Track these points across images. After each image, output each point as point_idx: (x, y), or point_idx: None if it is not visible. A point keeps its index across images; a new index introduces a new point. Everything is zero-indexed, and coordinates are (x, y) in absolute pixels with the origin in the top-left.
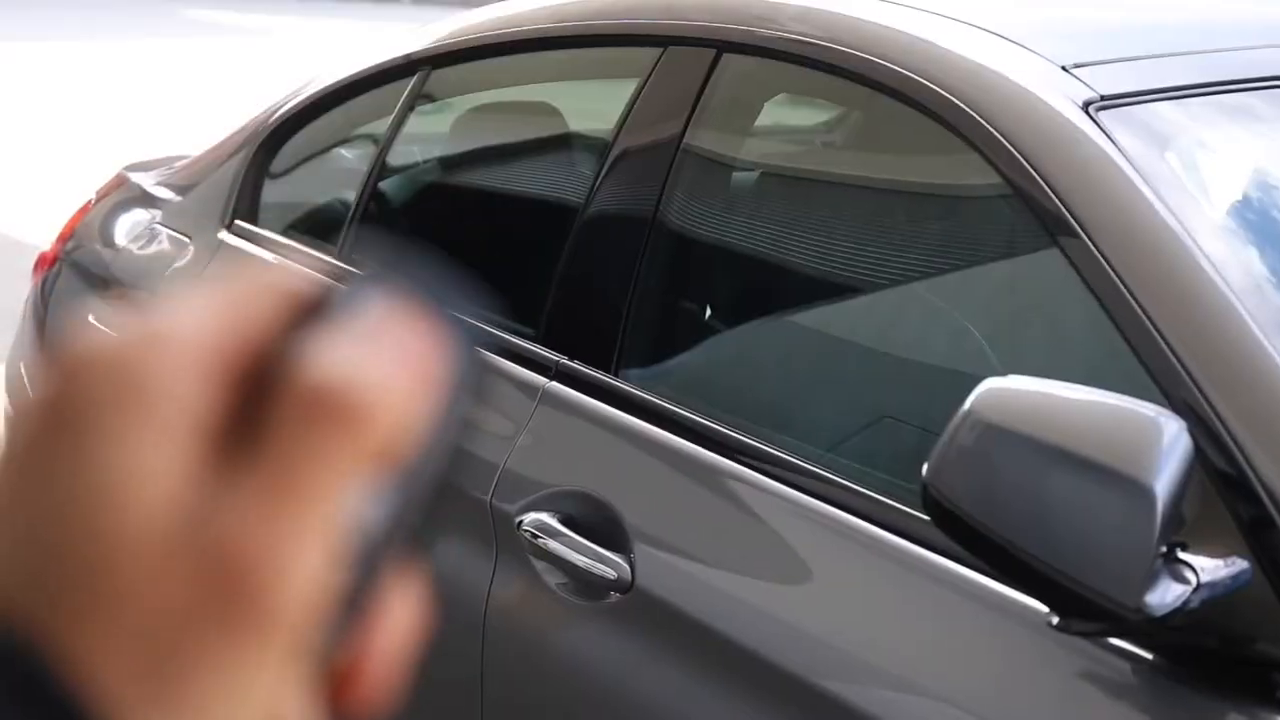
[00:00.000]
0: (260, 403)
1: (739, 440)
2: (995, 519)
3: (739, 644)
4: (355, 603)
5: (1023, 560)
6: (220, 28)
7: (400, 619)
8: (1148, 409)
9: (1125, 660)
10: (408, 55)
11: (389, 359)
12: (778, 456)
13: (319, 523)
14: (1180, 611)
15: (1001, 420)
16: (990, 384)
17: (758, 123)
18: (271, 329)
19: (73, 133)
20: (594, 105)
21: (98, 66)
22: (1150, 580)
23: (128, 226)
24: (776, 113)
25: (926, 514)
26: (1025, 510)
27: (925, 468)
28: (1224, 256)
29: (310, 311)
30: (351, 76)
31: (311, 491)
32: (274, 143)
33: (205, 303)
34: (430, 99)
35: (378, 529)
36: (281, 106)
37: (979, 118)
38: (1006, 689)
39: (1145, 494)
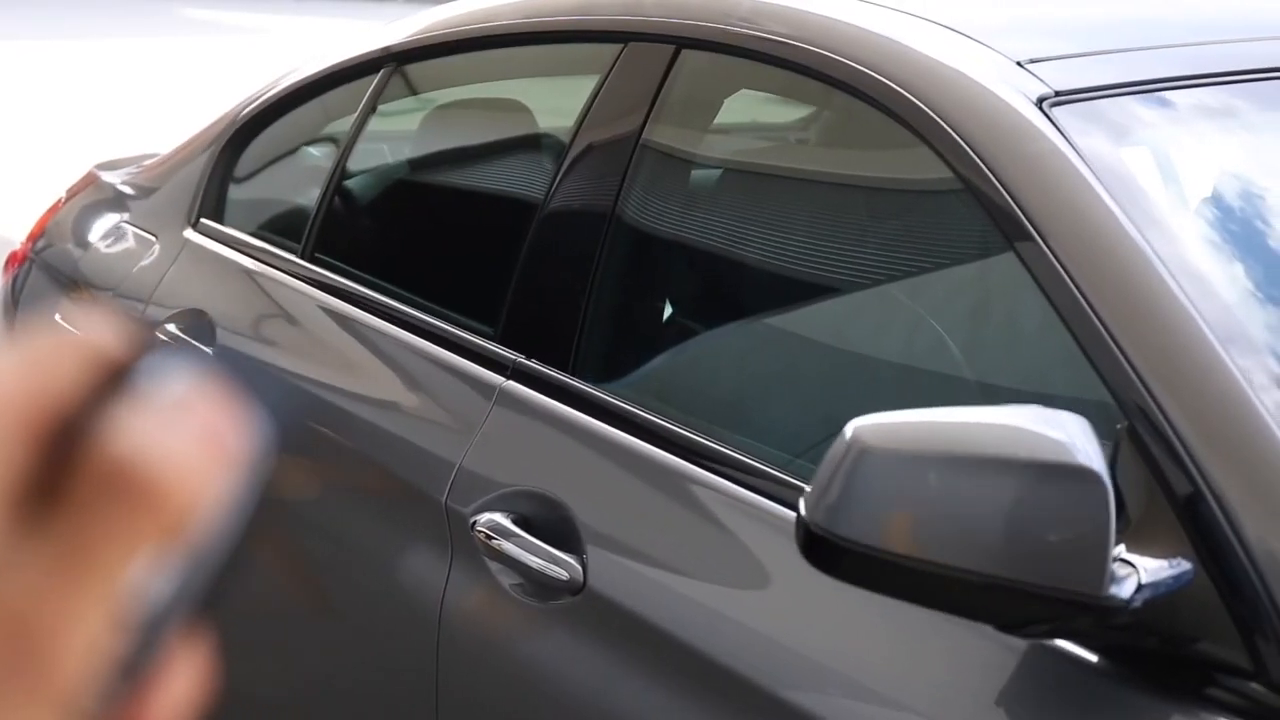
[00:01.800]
0: (60, 466)
1: (696, 441)
2: (928, 548)
3: (693, 648)
4: (133, 671)
5: (970, 581)
6: (218, 26)
7: (178, 690)
8: (1042, 409)
9: (1070, 662)
10: (372, 52)
11: (189, 436)
12: (736, 459)
13: (105, 590)
14: (1125, 610)
15: (910, 448)
16: (868, 422)
17: (716, 119)
18: (76, 392)
19: (66, 132)
20: (558, 102)
21: (95, 66)
22: (1111, 569)
23: (96, 224)
24: (736, 109)
25: (825, 568)
26: (963, 530)
27: (819, 520)
28: (1175, 253)
29: (116, 376)
30: (317, 74)
31: (101, 560)
32: (241, 140)
33: (10, 360)
34: (394, 96)
35: (163, 602)
36: (249, 104)
37: (932, 113)
38: (957, 692)
39: (1094, 479)
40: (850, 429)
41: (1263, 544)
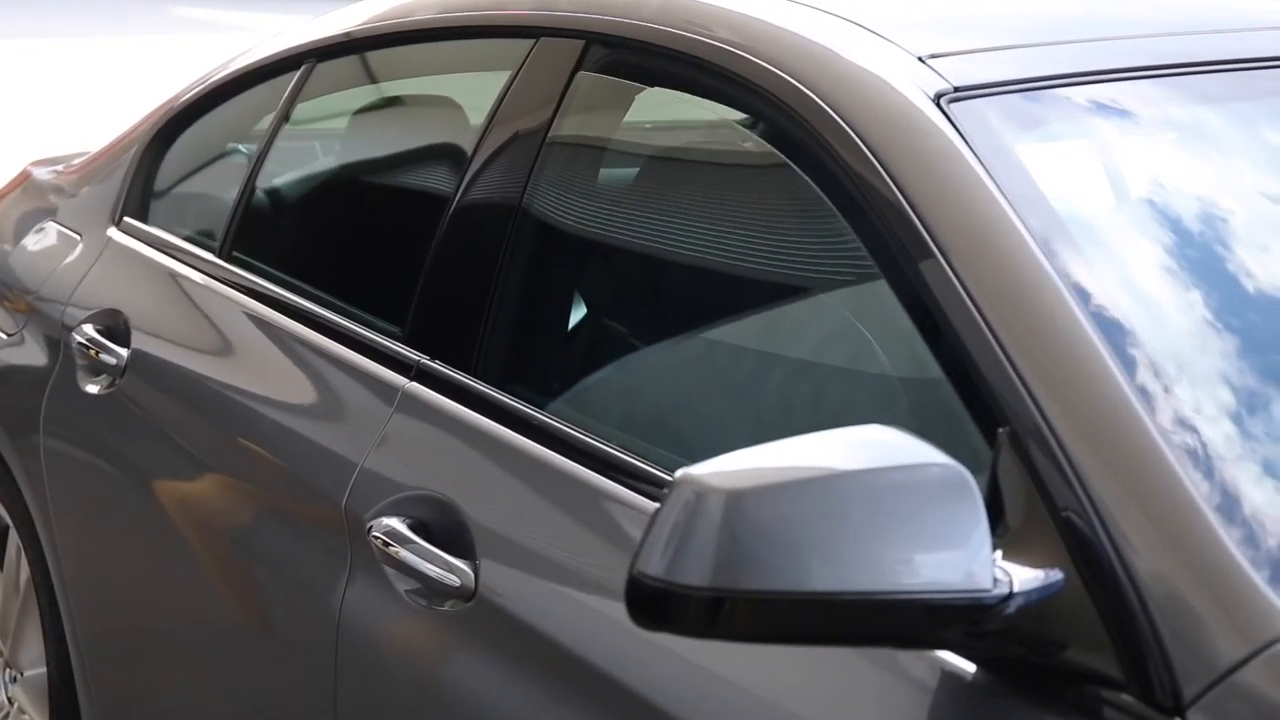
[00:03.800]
0: None
1: (595, 446)
2: (788, 578)
3: (583, 659)
4: None
5: (865, 604)
6: (214, 25)
7: None
8: (872, 426)
9: (941, 671)
10: (292, 49)
11: None
12: (636, 466)
13: None
14: (999, 615)
15: (750, 483)
16: (698, 469)
17: (625, 117)
18: None
19: (53, 131)
20: (473, 99)
21: (89, 64)
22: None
23: (25, 223)
24: (644, 106)
25: (667, 625)
26: (825, 553)
27: (694, 581)
28: (1063, 252)
29: None
30: (240, 71)
31: None
32: (165, 138)
33: None
34: (313, 93)
35: None
36: (174, 101)
37: (828, 108)
38: (858, 710)
39: (953, 471)
40: (680, 476)
41: (1139, 554)
